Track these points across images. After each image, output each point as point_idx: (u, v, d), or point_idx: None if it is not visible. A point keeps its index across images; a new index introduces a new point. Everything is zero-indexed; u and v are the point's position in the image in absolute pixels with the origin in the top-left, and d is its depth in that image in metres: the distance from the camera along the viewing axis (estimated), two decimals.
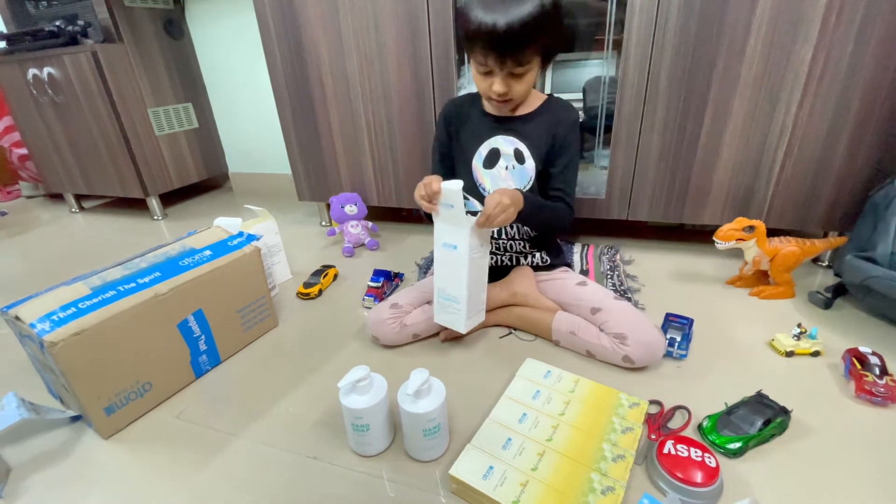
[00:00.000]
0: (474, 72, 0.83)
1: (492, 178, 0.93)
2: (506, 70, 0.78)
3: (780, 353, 0.82)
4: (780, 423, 0.65)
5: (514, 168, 0.91)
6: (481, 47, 0.76)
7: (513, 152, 0.90)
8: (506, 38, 0.73)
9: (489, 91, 0.82)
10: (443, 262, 0.80)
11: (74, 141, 1.74)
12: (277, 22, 1.27)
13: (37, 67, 1.61)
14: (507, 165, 0.91)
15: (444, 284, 0.81)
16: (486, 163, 0.92)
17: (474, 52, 0.78)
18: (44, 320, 0.66)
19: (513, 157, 0.91)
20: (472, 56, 0.80)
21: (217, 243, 0.90)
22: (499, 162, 0.91)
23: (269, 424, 0.73)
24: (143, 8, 1.66)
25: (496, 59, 0.76)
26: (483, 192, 0.93)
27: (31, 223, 1.88)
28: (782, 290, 1.00)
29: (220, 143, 2.07)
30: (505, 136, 0.91)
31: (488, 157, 0.92)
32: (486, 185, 0.93)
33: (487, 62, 0.77)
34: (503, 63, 0.76)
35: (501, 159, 0.91)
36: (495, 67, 0.78)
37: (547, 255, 0.98)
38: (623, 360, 0.78)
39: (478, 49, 0.77)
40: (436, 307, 0.84)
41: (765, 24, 0.92)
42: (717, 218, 1.12)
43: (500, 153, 0.91)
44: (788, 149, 1.01)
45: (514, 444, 0.63)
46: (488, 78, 0.81)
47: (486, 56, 0.77)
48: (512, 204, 0.74)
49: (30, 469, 0.68)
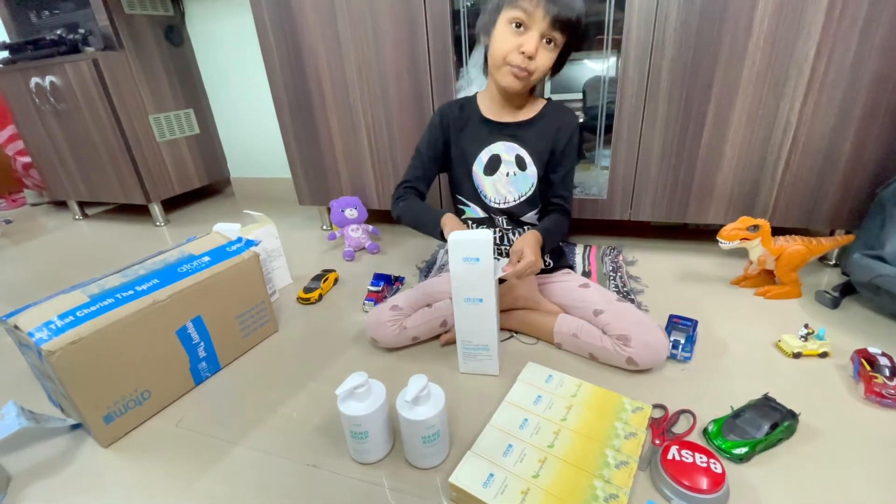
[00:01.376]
0: (503, 32, 0.79)
1: (493, 184, 0.92)
2: (545, 28, 0.76)
3: (786, 355, 0.81)
4: (788, 426, 0.63)
5: (516, 175, 0.91)
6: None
7: (514, 159, 0.90)
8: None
9: (514, 52, 0.78)
10: (466, 315, 0.76)
11: (77, 148, 1.75)
12: (276, 27, 1.27)
13: (39, 76, 1.62)
14: (508, 172, 0.91)
15: (469, 336, 0.78)
16: (486, 169, 0.92)
17: (520, 3, 0.76)
18: (42, 329, 0.66)
19: (514, 163, 0.90)
20: (514, 5, 0.77)
21: (215, 249, 0.90)
22: (500, 168, 0.91)
23: (269, 432, 0.73)
24: (143, 15, 1.67)
25: (546, 12, 0.75)
26: (485, 198, 0.93)
27: (36, 231, 1.89)
28: (788, 290, 0.98)
29: (221, 148, 2.07)
30: (506, 142, 0.90)
31: (489, 163, 0.91)
32: (488, 192, 0.93)
33: (535, 12, 0.75)
34: (554, 20, 0.75)
35: (502, 165, 0.91)
36: (540, 21, 0.76)
37: (549, 259, 0.96)
38: (626, 363, 0.77)
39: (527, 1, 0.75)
40: (461, 359, 0.81)
41: (767, 18, 0.91)
42: (721, 217, 1.11)
43: (500, 160, 0.91)
44: (793, 146, 1.00)
45: (515, 450, 0.62)
46: (520, 37, 0.78)
47: (536, 4, 0.75)
48: (537, 258, 0.77)
49: (30, 478, 0.68)
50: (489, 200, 0.94)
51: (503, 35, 0.79)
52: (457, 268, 0.73)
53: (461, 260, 0.72)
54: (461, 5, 1.14)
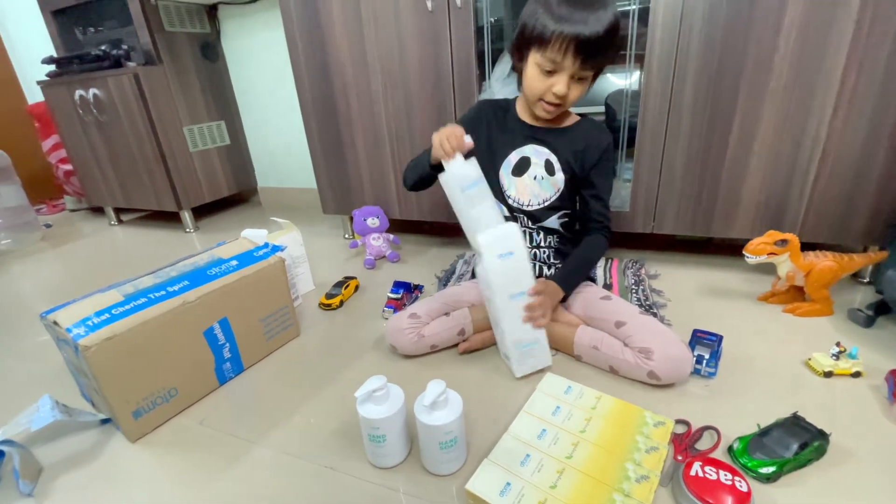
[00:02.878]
0: (533, 72, 0.81)
1: (518, 186, 0.93)
2: (575, 71, 0.78)
3: (817, 374, 0.78)
4: (818, 447, 0.61)
5: (543, 178, 0.92)
6: (562, 47, 0.75)
7: (543, 163, 0.91)
8: (592, 40, 0.74)
9: (547, 92, 0.81)
10: (513, 313, 0.77)
11: (115, 157, 1.84)
12: (305, 42, 1.32)
13: (83, 89, 1.72)
14: (535, 175, 0.92)
15: (521, 335, 0.78)
16: (515, 170, 0.93)
17: (547, 50, 0.77)
18: (79, 325, 0.69)
19: (543, 167, 0.91)
20: (542, 54, 0.78)
21: (243, 254, 0.92)
22: (528, 170, 0.92)
23: (288, 433, 0.74)
24: (182, 33, 1.76)
25: (574, 59, 0.76)
26: (508, 198, 0.94)
27: (74, 235, 1.98)
28: (819, 308, 0.95)
29: (249, 158, 2.14)
30: (537, 145, 0.92)
31: (518, 164, 0.92)
32: (512, 193, 0.94)
33: (563, 62, 0.77)
34: (583, 64, 0.77)
35: (531, 168, 0.92)
36: (569, 68, 0.77)
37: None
38: (648, 376, 0.76)
39: (555, 48, 0.76)
40: (515, 363, 0.80)
41: (794, 31, 0.90)
42: (747, 231, 1.09)
43: (530, 162, 0.92)
44: (823, 159, 0.97)
45: (532, 460, 0.61)
46: (550, 78, 0.80)
47: (563, 55, 0.76)
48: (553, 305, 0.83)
49: (60, 469, 0.70)
50: (512, 200, 0.94)
51: (534, 75, 0.82)
52: (495, 268, 0.74)
53: (497, 258, 0.74)
54: (485, 22, 1.16)
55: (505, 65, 1.23)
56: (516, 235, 0.73)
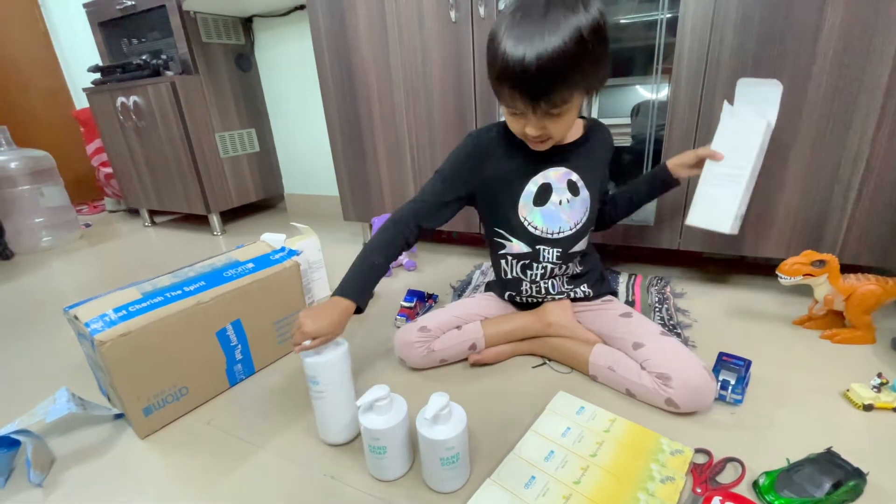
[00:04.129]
0: (506, 113, 0.73)
1: (544, 215, 0.82)
2: (539, 112, 0.66)
3: (855, 406, 0.72)
4: (854, 486, 0.56)
5: (569, 201, 0.82)
6: (506, 90, 0.65)
7: (566, 185, 0.81)
8: (535, 77, 0.61)
9: (522, 134, 0.72)
10: (731, 130, 0.79)
11: (151, 161, 1.92)
12: (332, 53, 1.35)
13: (124, 96, 1.81)
14: (560, 200, 0.82)
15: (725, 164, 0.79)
16: (536, 200, 0.82)
17: (501, 95, 0.68)
18: (97, 321, 0.71)
19: (566, 189, 0.81)
20: (499, 99, 0.70)
21: (260, 257, 0.94)
22: (551, 197, 0.82)
23: (292, 438, 0.73)
24: (218, 44, 1.83)
25: (526, 102, 0.65)
26: (533, 230, 0.83)
27: (111, 235, 2.07)
28: (860, 335, 0.88)
29: (277, 166, 2.20)
30: (556, 167, 0.81)
31: (538, 193, 0.81)
32: (537, 223, 0.83)
33: (517, 104, 0.66)
34: (535, 106, 0.65)
35: (554, 194, 0.81)
36: (527, 109, 0.66)
37: (589, 288, 0.91)
38: (666, 404, 0.71)
39: (503, 92, 0.66)
40: (696, 204, 0.80)
41: (833, 40, 0.85)
42: (781, 251, 1.03)
43: (551, 188, 0.81)
44: (865, 175, 0.91)
45: (538, 483, 0.58)
46: (520, 119, 0.70)
47: (513, 99, 0.66)
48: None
49: (71, 461, 0.72)
50: (539, 231, 0.83)
51: (507, 116, 0.73)
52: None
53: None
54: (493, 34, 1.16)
55: None
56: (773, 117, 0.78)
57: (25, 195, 1.82)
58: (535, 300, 0.90)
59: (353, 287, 0.76)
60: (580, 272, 0.90)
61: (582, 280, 0.90)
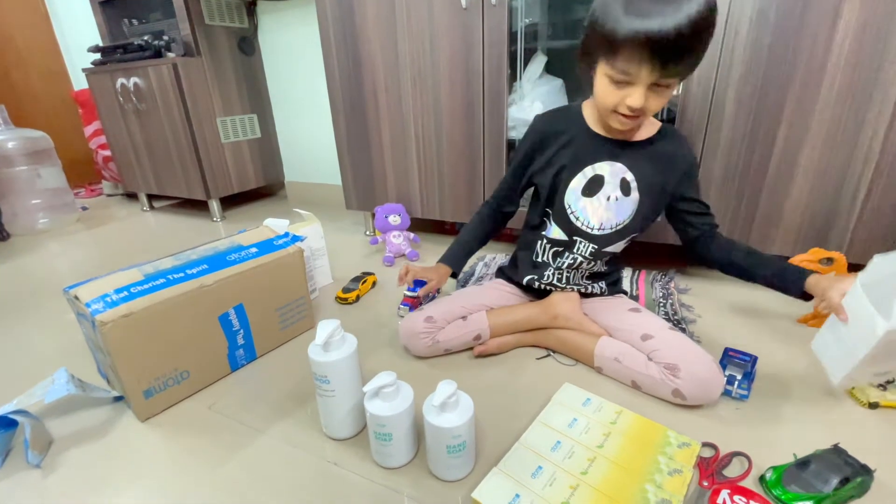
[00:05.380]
0: (603, 83, 0.70)
1: (589, 207, 0.82)
2: (653, 80, 0.65)
3: (861, 404, 0.72)
4: (861, 483, 0.56)
5: (618, 200, 0.80)
6: (635, 54, 0.63)
7: (619, 182, 0.80)
8: (672, 43, 0.61)
9: (621, 104, 0.70)
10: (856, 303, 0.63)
11: (150, 145, 1.89)
12: (339, 39, 1.33)
13: (125, 77, 1.78)
14: (609, 196, 0.80)
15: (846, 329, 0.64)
16: (585, 190, 0.81)
17: (618, 60, 0.65)
18: (98, 301, 0.70)
19: (618, 186, 0.80)
20: (611, 65, 0.67)
21: (263, 241, 0.92)
22: (601, 191, 0.80)
23: (295, 425, 0.72)
24: (221, 26, 1.80)
25: (652, 67, 0.64)
26: (574, 220, 0.83)
27: (108, 219, 2.05)
28: None
29: (279, 152, 2.17)
30: (612, 161, 0.79)
31: (589, 183, 0.80)
32: (580, 214, 0.82)
33: (640, 72, 0.65)
34: (663, 70, 0.64)
35: (604, 188, 0.80)
36: (646, 77, 0.65)
37: (605, 285, 0.91)
38: (673, 395, 0.71)
39: (626, 56, 0.64)
40: (822, 333, 0.69)
41: (849, 36, 0.84)
42: (788, 249, 1.02)
43: (603, 181, 0.80)
44: (875, 175, 0.91)
45: (544, 472, 0.58)
46: (623, 89, 0.68)
47: (639, 64, 0.64)
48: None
49: (69, 443, 0.71)
50: (581, 223, 0.83)
51: (604, 87, 0.70)
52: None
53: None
54: (519, 25, 1.14)
55: (537, 64, 1.20)
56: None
57: (23, 176, 1.80)
58: (551, 288, 0.90)
59: (452, 257, 0.93)
60: (603, 271, 0.90)
61: (601, 279, 0.91)
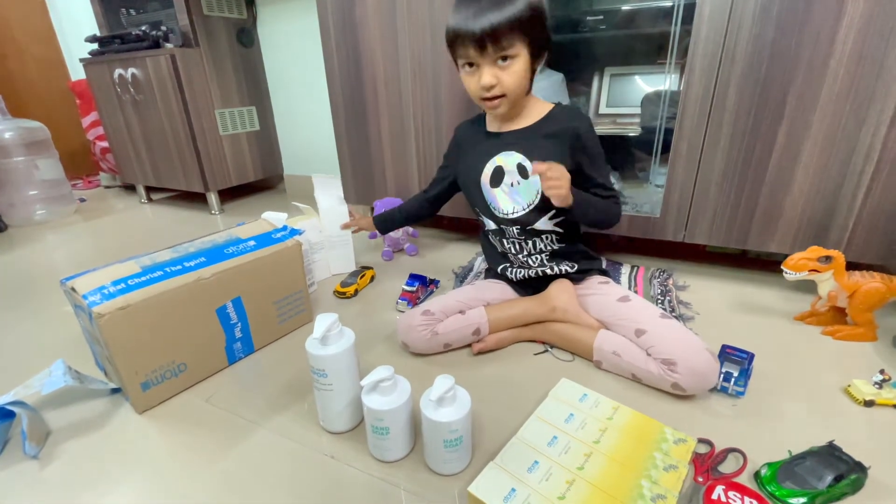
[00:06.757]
0: (463, 76, 0.80)
1: (499, 196, 0.89)
2: (489, 58, 0.75)
3: (857, 402, 0.72)
4: (855, 480, 0.56)
5: (519, 184, 0.86)
6: (462, 38, 0.74)
7: (515, 168, 0.86)
8: (482, 17, 0.71)
9: (478, 88, 0.78)
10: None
11: (148, 136, 1.88)
12: (339, 31, 1.32)
13: (122, 68, 1.77)
14: (511, 182, 0.87)
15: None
16: (492, 181, 0.89)
17: (456, 49, 0.77)
18: (95, 293, 0.70)
19: (516, 172, 0.86)
20: (456, 56, 0.79)
21: (261, 235, 0.92)
22: (503, 179, 0.87)
23: (292, 418, 0.73)
24: (219, 17, 1.79)
25: (477, 45, 0.73)
26: (495, 210, 0.90)
27: (106, 211, 2.04)
28: (862, 332, 0.88)
29: (277, 145, 2.16)
30: (507, 151, 0.86)
31: (493, 175, 0.88)
32: (497, 204, 0.89)
33: (469, 53, 0.75)
34: (483, 49, 0.73)
35: (506, 176, 0.87)
36: (477, 56, 0.75)
37: (573, 263, 0.91)
38: (672, 388, 0.72)
39: (458, 44, 0.75)
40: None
41: (853, 34, 0.84)
42: (786, 246, 1.02)
43: (503, 170, 0.87)
44: (875, 173, 0.91)
45: (541, 467, 0.58)
46: (475, 74, 0.78)
47: (466, 46, 0.74)
48: (565, 181, 0.74)
49: (66, 434, 0.71)
50: (499, 212, 0.90)
51: (464, 76, 0.81)
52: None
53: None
54: None
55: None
56: None
57: (20, 167, 1.79)
58: (525, 275, 0.93)
59: (379, 216, 1.12)
60: (558, 250, 0.91)
61: (562, 259, 0.92)
